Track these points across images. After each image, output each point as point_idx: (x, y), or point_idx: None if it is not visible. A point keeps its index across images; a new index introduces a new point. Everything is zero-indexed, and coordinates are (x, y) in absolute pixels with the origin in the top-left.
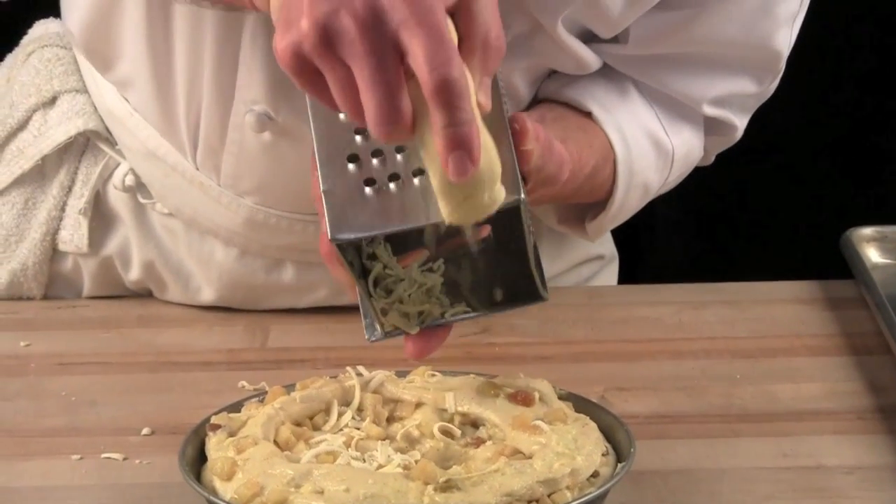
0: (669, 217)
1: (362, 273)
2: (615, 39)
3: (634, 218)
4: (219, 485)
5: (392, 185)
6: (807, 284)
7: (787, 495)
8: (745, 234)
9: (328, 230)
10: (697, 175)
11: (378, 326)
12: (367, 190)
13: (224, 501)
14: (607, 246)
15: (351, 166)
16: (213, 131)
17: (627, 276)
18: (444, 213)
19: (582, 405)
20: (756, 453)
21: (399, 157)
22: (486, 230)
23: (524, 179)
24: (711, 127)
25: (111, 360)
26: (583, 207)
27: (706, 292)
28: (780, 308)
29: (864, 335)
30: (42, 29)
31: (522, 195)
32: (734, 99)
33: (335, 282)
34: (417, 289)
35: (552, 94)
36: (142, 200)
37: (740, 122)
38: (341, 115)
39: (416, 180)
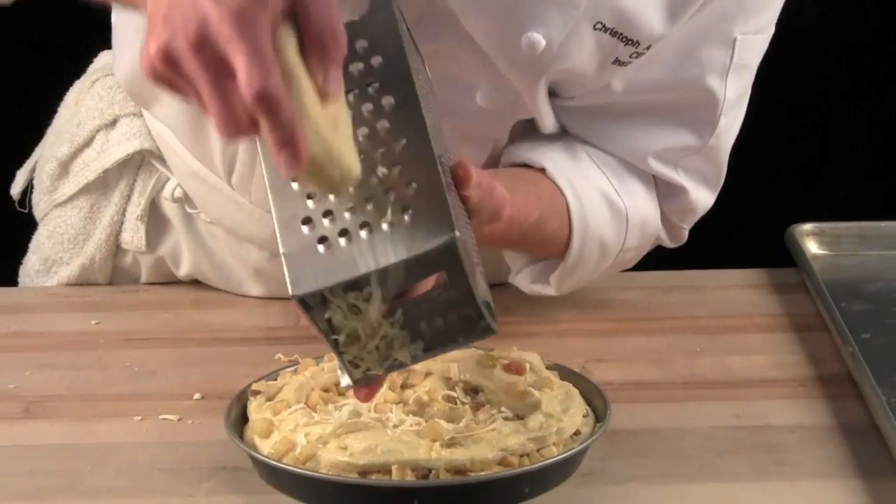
0: None
1: (330, 330)
2: (564, 94)
3: None
4: (258, 442)
5: (342, 241)
6: (757, 272)
7: (739, 451)
8: (705, 229)
9: (289, 288)
10: None
11: (347, 376)
12: (321, 247)
13: (262, 456)
14: None
15: (305, 228)
16: (245, 165)
17: None
18: (316, 190)
19: (566, 374)
20: (713, 415)
21: (347, 214)
22: (431, 282)
23: (468, 215)
24: (663, 191)
25: (168, 337)
26: (548, 267)
27: (672, 279)
28: (734, 292)
29: (805, 315)
30: (106, 59)
31: (456, 232)
32: (678, 156)
33: None
34: (381, 339)
35: (508, 156)
36: (189, 210)
37: (692, 187)
38: (294, 185)
39: (362, 233)
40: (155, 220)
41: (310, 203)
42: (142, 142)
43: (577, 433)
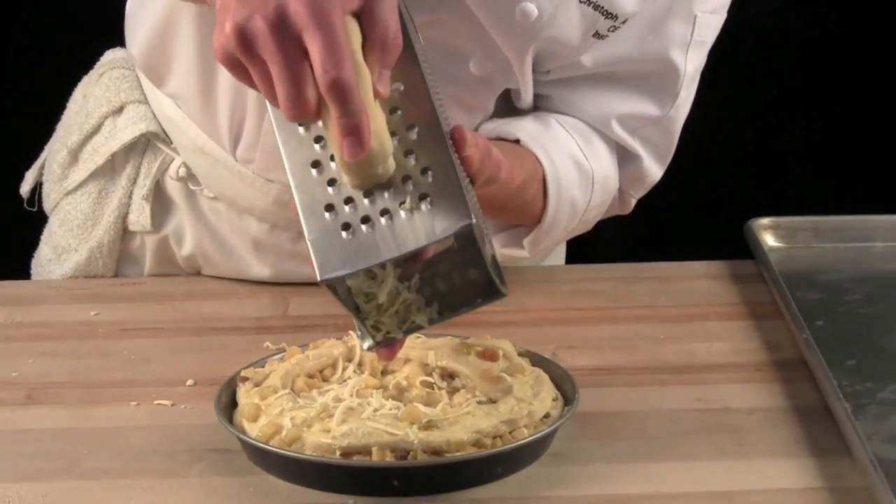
0: None
1: (352, 301)
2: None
3: None
4: (246, 425)
5: (364, 227)
6: (717, 264)
7: (700, 431)
8: (669, 223)
9: (317, 273)
10: None
11: (370, 338)
12: (344, 234)
13: (250, 438)
14: None
15: (328, 215)
16: (251, 134)
17: (575, 257)
18: (348, 181)
19: (537, 360)
20: (676, 398)
21: (366, 201)
22: (430, 251)
23: (472, 182)
24: (620, 158)
25: (163, 326)
26: (521, 232)
27: (638, 270)
28: (696, 282)
29: (762, 304)
30: (111, 56)
31: (473, 220)
32: (639, 124)
33: None
34: (401, 303)
35: (485, 132)
36: (192, 187)
37: (646, 157)
38: (313, 171)
39: (383, 220)
40: (159, 201)
41: (330, 190)
42: (147, 125)
43: (547, 416)
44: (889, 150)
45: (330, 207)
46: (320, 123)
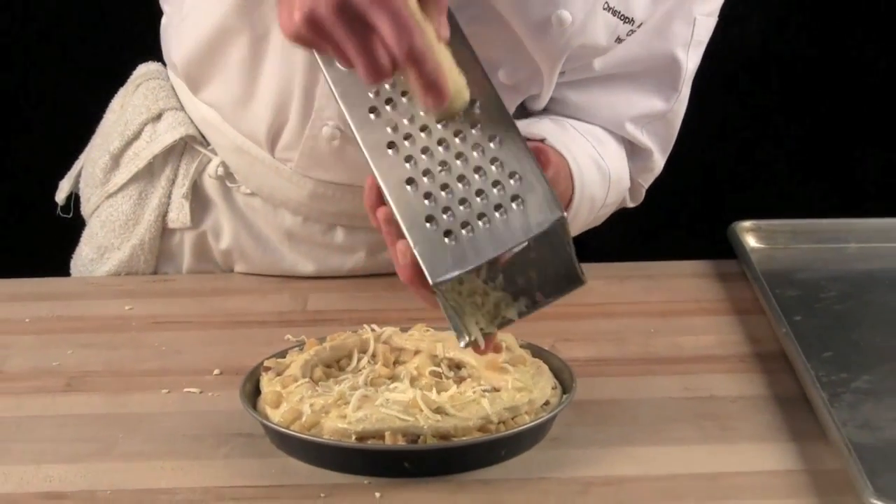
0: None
1: (455, 302)
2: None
3: None
4: (269, 412)
5: (464, 231)
6: (703, 263)
7: (688, 418)
8: (658, 226)
9: (429, 278)
10: None
11: (466, 336)
12: (447, 240)
13: (273, 424)
14: None
15: (428, 225)
16: (292, 137)
17: None
18: (435, 117)
19: (537, 352)
20: (665, 387)
21: (462, 208)
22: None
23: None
24: (631, 153)
25: (193, 320)
26: None
27: (630, 269)
28: (684, 280)
29: (745, 300)
30: (144, 69)
31: (564, 213)
32: (647, 121)
33: (370, 247)
34: (492, 302)
35: None
36: (229, 185)
37: (655, 150)
38: (409, 188)
39: (480, 223)
40: (198, 199)
41: (427, 203)
42: (186, 129)
43: (546, 403)
44: (861, 159)
45: (430, 218)
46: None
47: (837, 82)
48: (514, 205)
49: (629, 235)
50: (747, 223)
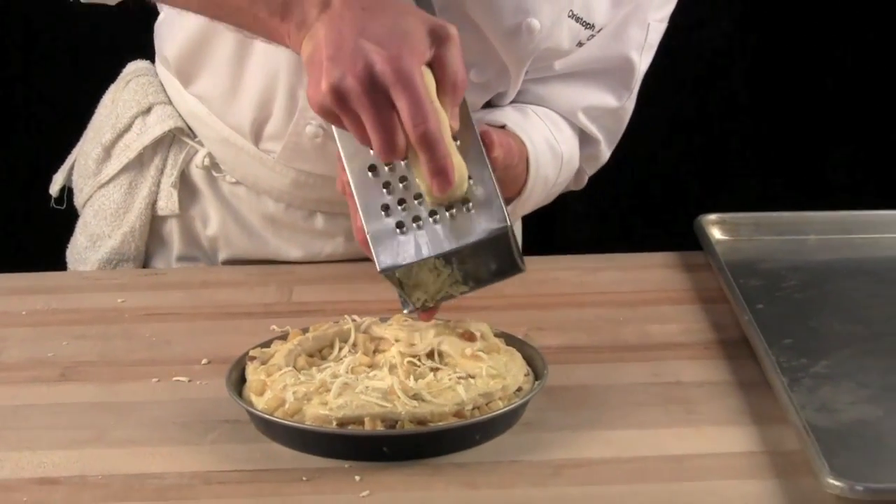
0: (577, 209)
1: (398, 280)
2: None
3: (554, 209)
4: (254, 399)
5: (415, 226)
6: (671, 255)
7: (655, 402)
8: (628, 219)
9: (377, 265)
10: (598, 178)
11: (410, 305)
12: (398, 231)
13: (257, 410)
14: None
15: (384, 215)
16: (276, 132)
17: (546, 249)
18: (430, 202)
19: (511, 340)
20: (634, 373)
21: (416, 202)
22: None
23: (493, 169)
24: (582, 141)
25: (182, 312)
26: None
27: (600, 261)
28: (652, 271)
29: (710, 290)
30: (134, 66)
31: (509, 223)
32: (599, 113)
33: (349, 233)
34: (437, 284)
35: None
36: (215, 174)
37: (603, 141)
38: (370, 175)
39: (431, 220)
40: (185, 188)
41: (385, 192)
42: (174, 122)
43: (519, 389)
44: (821, 155)
45: (386, 208)
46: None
47: (801, 83)
48: (465, 208)
49: (600, 228)
50: (712, 216)
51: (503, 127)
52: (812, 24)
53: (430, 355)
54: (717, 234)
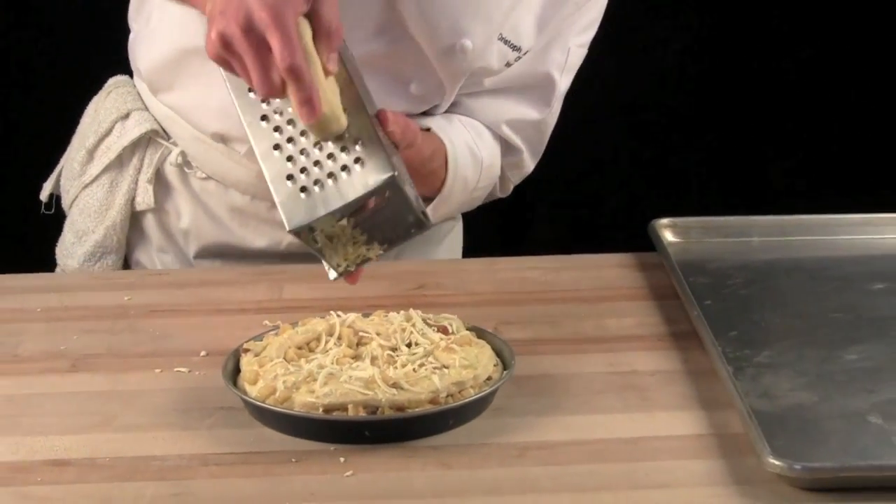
0: (543, 213)
1: (315, 243)
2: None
3: (522, 214)
4: (247, 388)
5: (316, 188)
6: (626, 255)
7: (612, 390)
8: (588, 224)
9: (286, 225)
10: (563, 187)
11: (334, 271)
12: (302, 195)
13: (251, 398)
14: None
15: (289, 182)
16: (240, 136)
17: (514, 250)
18: (314, 135)
19: (482, 333)
20: (593, 363)
21: (317, 169)
22: (374, 202)
23: (396, 146)
24: (505, 150)
25: (183, 308)
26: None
27: (563, 261)
28: (610, 270)
29: (663, 287)
30: (114, 80)
31: (395, 172)
32: (521, 126)
33: None
34: (352, 241)
35: None
36: (187, 171)
37: (526, 151)
38: (275, 153)
39: (329, 181)
40: (160, 184)
41: (289, 164)
42: (150, 125)
43: (489, 378)
44: (763, 165)
45: (290, 177)
46: (277, 116)
47: (747, 96)
48: (357, 166)
49: (564, 232)
50: (665, 220)
51: (428, 130)
52: (755, 43)
53: (408, 346)
54: (669, 236)
